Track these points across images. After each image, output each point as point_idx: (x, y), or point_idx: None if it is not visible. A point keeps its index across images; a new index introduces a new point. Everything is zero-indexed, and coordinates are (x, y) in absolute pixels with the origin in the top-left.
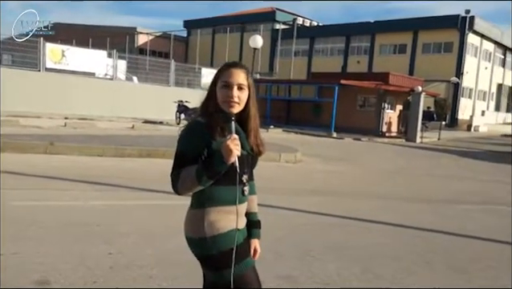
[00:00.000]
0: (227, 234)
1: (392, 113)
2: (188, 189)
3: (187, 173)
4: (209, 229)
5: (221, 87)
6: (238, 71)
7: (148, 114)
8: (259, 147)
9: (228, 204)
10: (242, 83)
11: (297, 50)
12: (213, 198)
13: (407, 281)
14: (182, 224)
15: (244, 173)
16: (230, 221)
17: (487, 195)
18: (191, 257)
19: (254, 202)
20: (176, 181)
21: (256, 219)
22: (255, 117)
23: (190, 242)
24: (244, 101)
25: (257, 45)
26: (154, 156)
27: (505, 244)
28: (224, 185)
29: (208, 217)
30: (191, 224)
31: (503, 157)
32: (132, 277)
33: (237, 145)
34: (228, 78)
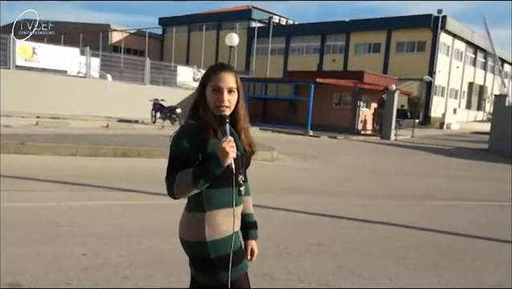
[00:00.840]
0: (226, 238)
1: (367, 111)
2: (185, 192)
3: (182, 177)
4: (210, 233)
5: (211, 92)
6: (228, 75)
7: (123, 113)
8: (251, 146)
9: (226, 206)
10: (232, 87)
11: (273, 48)
12: (212, 201)
13: (380, 276)
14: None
15: (239, 174)
16: (229, 224)
17: (457, 191)
18: (166, 257)
19: (250, 203)
20: (172, 186)
21: (252, 220)
22: (245, 117)
23: (187, 244)
24: (234, 104)
25: (233, 43)
26: (129, 156)
27: (475, 238)
28: (221, 188)
29: (208, 220)
30: (188, 226)
31: (474, 154)
32: (107, 278)
33: (233, 147)
34: (218, 82)
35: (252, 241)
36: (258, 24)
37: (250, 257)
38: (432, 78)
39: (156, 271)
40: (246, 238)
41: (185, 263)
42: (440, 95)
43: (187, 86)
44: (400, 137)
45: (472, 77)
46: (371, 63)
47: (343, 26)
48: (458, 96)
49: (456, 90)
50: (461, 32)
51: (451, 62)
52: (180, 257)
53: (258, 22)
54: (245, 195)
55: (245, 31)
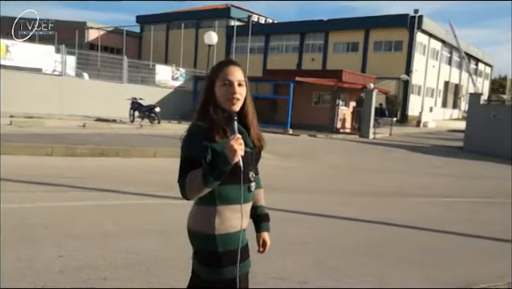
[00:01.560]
0: (234, 234)
1: (345, 110)
2: (196, 192)
3: (193, 177)
4: (219, 227)
5: (221, 86)
6: (236, 69)
7: (101, 112)
8: (260, 141)
9: (235, 202)
10: (242, 80)
11: (252, 47)
12: (223, 197)
13: (361, 274)
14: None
15: (249, 170)
16: (238, 220)
17: (436, 188)
18: (146, 257)
19: (261, 195)
20: (184, 187)
21: (264, 212)
22: (253, 113)
23: (194, 236)
24: (244, 97)
25: (212, 42)
26: (107, 155)
27: (456, 235)
28: (231, 184)
29: (219, 215)
30: (197, 219)
31: (450, 152)
32: (84, 280)
33: (241, 145)
34: (228, 76)
35: (264, 233)
36: (237, 23)
37: (262, 248)
38: (409, 77)
39: (136, 272)
40: (258, 230)
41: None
42: (417, 94)
43: (166, 85)
44: (378, 135)
45: (447, 76)
46: (349, 62)
47: (322, 25)
48: (434, 95)
49: (432, 89)
50: (436, 32)
51: (427, 61)
52: (160, 257)
53: (236, 20)
54: (257, 188)
55: (224, 30)
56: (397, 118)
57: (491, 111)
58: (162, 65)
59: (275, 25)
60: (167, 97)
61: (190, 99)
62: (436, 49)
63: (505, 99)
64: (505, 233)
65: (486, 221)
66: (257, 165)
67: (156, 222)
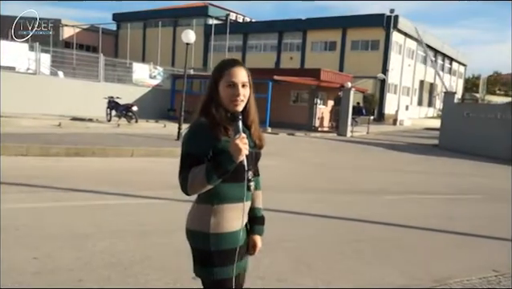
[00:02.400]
0: (231, 234)
1: (324, 108)
2: (198, 189)
3: (195, 174)
4: (215, 226)
5: (225, 87)
6: (241, 70)
7: (77, 111)
8: (261, 140)
9: (234, 201)
10: (245, 81)
11: (230, 45)
12: (222, 195)
13: (337, 270)
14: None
15: (249, 170)
16: (237, 219)
17: (412, 185)
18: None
19: (259, 197)
20: (186, 183)
21: (260, 215)
22: (255, 111)
23: (189, 233)
24: (247, 98)
25: (189, 40)
26: (83, 155)
27: (429, 230)
28: (231, 183)
29: (215, 213)
30: (194, 216)
31: (426, 149)
32: (60, 281)
33: (246, 144)
34: (232, 78)
35: (256, 236)
36: (215, 21)
37: (252, 251)
38: (385, 76)
39: (113, 273)
40: (251, 232)
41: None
42: (393, 93)
43: (143, 83)
44: (355, 134)
45: (423, 75)
46: (327, 61)
47: (300, 24)
48: (410, 94)
49: (408, 87)
50: (412, 31)
51: (403, 60)
52: (137, 257)
53: (214, 19)
54: (256, 189)
55: (202, 28)
56: (374, 116)
57: (465, 109)
58: (139, 63)
59: (253, 24)
60: (144, 96)
61: (168, 97)
62: (411, 48)
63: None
64: (478, 228)
65: (460, 217)
66: (257, 166)
67: (132, 223)
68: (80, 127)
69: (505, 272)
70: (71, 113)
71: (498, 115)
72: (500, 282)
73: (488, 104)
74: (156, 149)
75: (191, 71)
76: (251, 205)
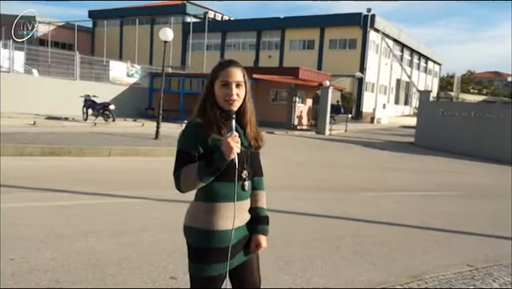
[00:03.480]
0: (221, 233)
1: (302, 107)
2: (191, 186)
3: (188, 171)
4: (207, 224)
5: (220, 87)
6: (235, 70)
7: (52, 110)
8: (257, 141)
9: (227, 200)
10: (240, 81)
11: (209, 44)
12: (214, 193)
13: (316, 267)
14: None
15: (243, 169)
16: (229, 218)
17: (389, 182)
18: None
19: (262, 197)
20: (179, 180)
21: (264, 214)
22: (252, 111)
23: (186, 230)
24: (242, 97)
25: (167, 38)
26: (58, 154)
27: (406, 227)
28: (224, 181)
29: (207, 210)
30: (189, 213)
31: (403, 147)
32: (36, 282)
33: (238, 142)
34: (226, 77)
35: (259, 235)
36: (193, 19)
37: (256, 250)
38: (363, 74)
39: (90, 273)
40: (255, 232)
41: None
42: (371, 91)
43: (120, 81)
44: (334, 132)
45: (399, 74)
46: (305, 60)
47: (278, 22)
48: (387, 92)
49: (385, 86)
50: (388, 30)
51: (380, 59)
52: (115, 257)
53: (193, 17)
54: (257, 189)
55: (180, 26)
56: (352, 115)
57: (440, 107)
58: (116, 61)
59: (232, 22)
60: (122, 94)
61: (146, 96)
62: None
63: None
64: (453, 224)
65: (436, 214)
66: (260, 166)
67: (110, 222)
68: (56, 126)
69: (478, 267)
70: (47, 112)
71: (472, 113)
72: (474, 276)
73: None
74: (134, 148)
75: (169, 69)
76: (254, 205)
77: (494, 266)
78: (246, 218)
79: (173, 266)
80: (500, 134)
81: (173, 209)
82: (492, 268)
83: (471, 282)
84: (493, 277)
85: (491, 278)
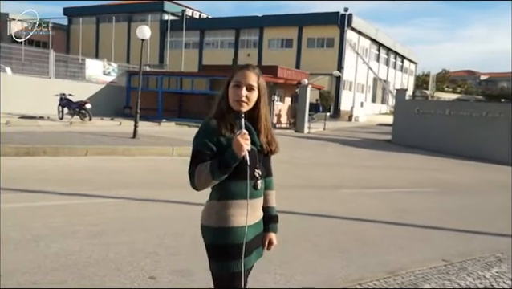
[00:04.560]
0: (237, 229)
1: (281, 105)
2: (204, 183)
3: (202, 169)
4: (220, 221)
5: (232, 87)
6: (250, 73)
7: (26, 109)
8: (270, 146)
9: (239, 197)
10: (252, 84)
11: (187, 42)
12: (227, 192)
13: (294, 265)
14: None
15: (256, 168)
16: (242, 215)
17: (367, 180)
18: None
19: (272, 197)
20: (193, 178)
21: (274, 214)
22: (266, 117)
23: (203, 229)
24: (253, 101)
25: (144, 36)
26: (33, 154)
27: (383, 223)
28: (236, 180)
29: (221, 209)
30: (204, 212)
31: (380, 145)
32: (13, 285)
33: (247, 140)
34: (239, 78)
35: (271, 233)
36: (171, 17)
37: (268, 247)
38: (340, 73)
39: (68, 275)
40: (266, 230)
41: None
42: (349, 90)
43: (97, 80)
44: (312, 130)
45: (376, 72)
46: (284, 58)
47: (257, 21)
48: (364, 90)
49: (362, 84)
50: (365, 30)
51: (357, 58)
52: (93, 258)
53: (170, 14)
54: (268, 189)
55: (157, 24)
56: (330, 113)
57: (415, 105)
58: (92, 59)
59: (210, 20)
60: (99, 93)
61: (124, 95)
62: (365, 46)
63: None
64: (429, 220)
65: (413, 210)
66: (270, 167)
67: (87, 223)
68: (31, 125)
69: (453, 261)
70: (21, 111)
71: (447, 111)
72: (449, 271)
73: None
74: (111, 148)
75: (147, 67)
76: (265, 204)
77: (468, 261)
78: (260, 216)
79: (152, 266)
80: (473, 131)
81: (151, 209)
82: (466, 262)
83: (446, 277)
84: (468, 271)
85: (465, 273)
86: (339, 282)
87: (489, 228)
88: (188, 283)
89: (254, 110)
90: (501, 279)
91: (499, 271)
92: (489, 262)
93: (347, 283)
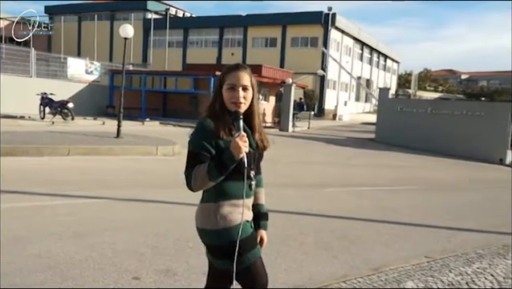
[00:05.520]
0: (235, 227)
1: (266, 104)
2: (201, 185)
3: (198, 171)
4: (222, 222)
5: (227, 89)
6: (242, 73)
7: (7, 108)
8: (263, 142)
9: (235, 197)
10: (247, 84)
11: (171, 41)
12: (224, 193)
13: (280, 263)
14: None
15: (251, 169)
16: (238, 214)
17: (351, 178)
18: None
19: (262, 194)
20: (190, 179)
21: (264, 211)
22: (258, 114)
23: (203, 232)
24: (249, 100)
25: (127, 35)
26: (15, 155)
27: (367, 221)
28: (233, 180)
29: (220, 210)
30: (201, 215)
31: (363, 143)
32: None
33: (246, 142)
34: (233, 80)
35: (261, 231)
36: (154, 16)
37: (260, 246)
38: (324, 72)
39: (50, 276)
40: (257, 228)
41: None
42: (332, 88)
43: (79, 79)
44: (297, 129)
45: (360, 71)
46: (268, 57)
47: (241, 20)
48: (348, 89)
49: (346, 83)
50: (348, 29)
51: (341, 57)
52: (75, 258)
53: (154, 13)
54: (258, 187)
55: (140, 23)
56: (315, 112)
57: (398, 104)
58: (75, 58)
59: (194, 19)
60: (81, 92)
61: (107, 94)
62: (348, 45)
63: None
64: (411, 217)
65: (397, 208)
66: (260, 165)
67: (69, 224)
68: (11, 124)
69: (436, 258)
70: (1, 111)
71: (429, 109)
72: (432, 267)
73: (419, 100)
74: (94, 147)
75: (130, 66)
76: (255, 202)
77: (451, 257)
78: (251, 215)
79: (135, 266)
80: (454, 130)
81: (134, 209)
82: (448, 259)
83: (429, 273)
84: (450, 268)
85: (447, 269)
86: (324, 279)
87: (470, 224)
88: (172, 283)
89: (249, 108)
90: (482, 275)
91: (480, 267)
92: (471, 258)
93: (332, 281)
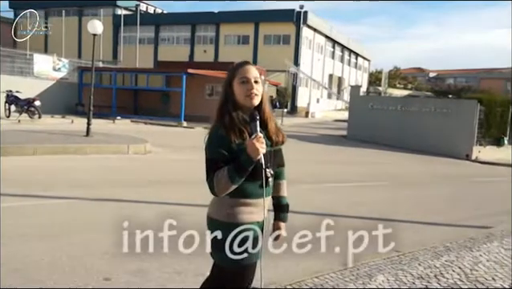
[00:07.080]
0: (245, 225)
1: None
2: (225, 189)
3: (219, 176)
4: (232, 217)
5: (239, 84)
6: (251, 68)
7: None
8: (279, 136)
9: (252, 197)
10: (257, 77)
11: (142, 37)
12: (241, 191)
13: None
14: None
15: (267, 168)
16: (252, 213)
17: (324, 175)
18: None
19: (283, 186)
20: (213, 185)
21: (284, 202)
22: (270, 109)
23: (212, 222)
24: (261, 93)
25: (96, 31)
26: None
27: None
28: (250, 180)
29: (234, 205)
30: (216, 207)
31: (336, 140)
32: None
33: (263, 143)
34: (245, 74)
35: (280, 223)
36: (124, 12)
37: (276, 237)
38: (297, 70)
39: (17, 279)
40: (276, 218)
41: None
42: (305, 86)
43: (47, 76)
44: None
45: (331, 69)
46: (241, 55)
47: (213, 17)
48: (320, 87)
49: (318, 81)
50: (321, 27)
51: (313, 54)
52: (44, 261)
53: (123, 9)
54: (280, 179)
55: (110, 19)
56: (288, 109)
57: (369, 101)
58: (41, 54)
59: (165, 15)
60: (48, 90)
61: (76, 91)
62: (320, 43)
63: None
64: (380, 212)
65: (368, 203)
66: (282, 157)
67: (38, 225)
68: None
69: (405, 252)
70: None
71: (398, 106)
72: (401, 261)
73: (389, 97)
74: (62, 146)
75: (100, 63)
76: (276, 194)
77: (420, 251)
78: (262, 216)
79: (106, 267)
80: (423, 126)
81: (105, 209)
82: (417, 252)
83: (399, 267)
84: (419, 261)
85: (417, 262)
86: (297, 275)
87: (438, 218)
88: (144, 283)
89: (260, 103)
90: (450, 268)
91: (448, 260)
92: (439, 252)
93: (305, 276)
